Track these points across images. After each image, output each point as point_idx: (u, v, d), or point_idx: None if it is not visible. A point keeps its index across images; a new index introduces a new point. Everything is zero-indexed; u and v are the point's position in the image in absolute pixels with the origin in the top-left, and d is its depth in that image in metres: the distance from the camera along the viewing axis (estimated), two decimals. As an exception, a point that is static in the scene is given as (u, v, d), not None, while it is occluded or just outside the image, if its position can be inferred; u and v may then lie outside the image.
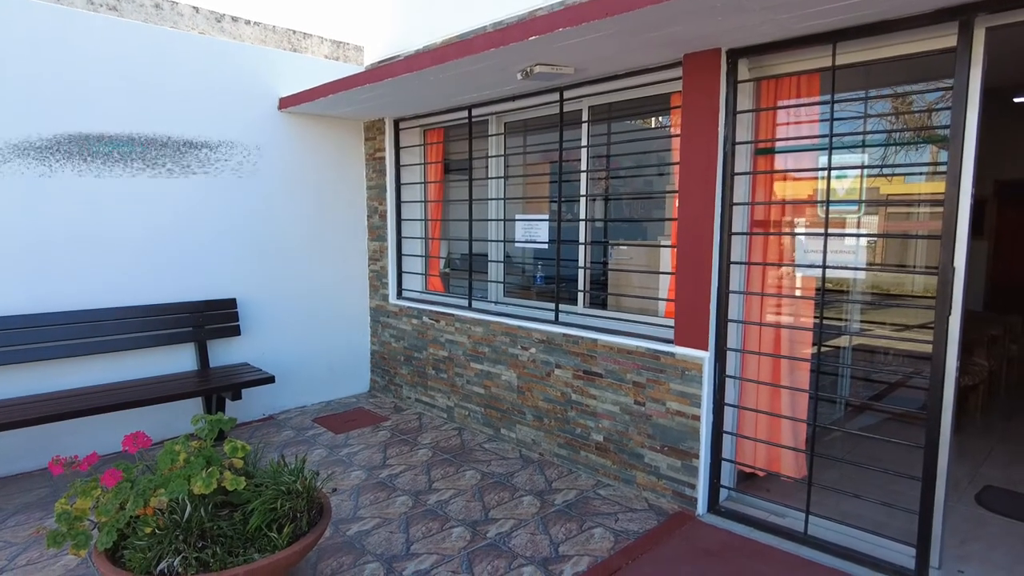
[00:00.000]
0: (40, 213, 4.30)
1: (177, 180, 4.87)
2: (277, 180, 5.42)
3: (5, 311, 4.21)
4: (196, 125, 4.93)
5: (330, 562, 3.18)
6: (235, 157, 5.16)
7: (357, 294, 6.10)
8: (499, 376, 4.85)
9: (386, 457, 4.56)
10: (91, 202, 4.49)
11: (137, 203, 4.69)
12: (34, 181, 4.26)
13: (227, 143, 5.11)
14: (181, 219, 4.91)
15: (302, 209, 5.60)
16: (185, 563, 2.46)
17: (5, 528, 3.53)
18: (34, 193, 4.26)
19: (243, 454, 2.80)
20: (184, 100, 4.86)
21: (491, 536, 3.46)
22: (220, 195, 5.11)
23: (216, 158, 5.06)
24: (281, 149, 5.42)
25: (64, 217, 4.39)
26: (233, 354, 5.25)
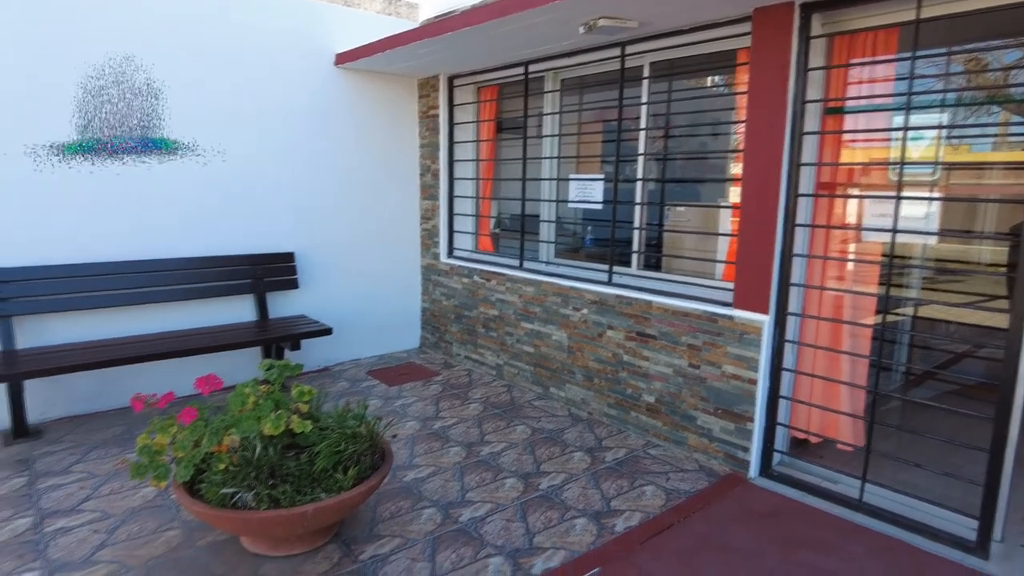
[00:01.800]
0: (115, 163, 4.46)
1: (240, 137, 4.96)
2: (333, 137, 5.47)
3: (80, 259, 4.40)
4: (257, 81, 4.99)
5: (389, 506, 3.30)
6: (295, 111, 5.21)
7: (409, 252, 6.17)
8: (549, 336, 4.88)
9: (438, 410, 4.66)
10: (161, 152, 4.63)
11: (204, 156, 4.81)
12: (105, 133, 4.40)
13: (287, 97, 5.16)
14: (242, 174, 5.02)
15: (357, 166, 5.65)
16: (257, 498, 2.58)
17: (88, 461, 3.76)
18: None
19: (309, 399, 2.90)
20: (244, 55, 4.91)
21: (543, 488, 3.53)
22: (279, 151, 5.19)
23: (275, 115, 5.12)
24: (337, 106, 5.46)
25: (136, 169, 4.54)
26: (291, 306, 5.40)
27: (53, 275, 4.28)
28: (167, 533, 3.02)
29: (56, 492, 3.39)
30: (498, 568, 2.80)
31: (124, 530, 3.04)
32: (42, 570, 2.73)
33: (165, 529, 3.06)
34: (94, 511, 3.21)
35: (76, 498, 3.33)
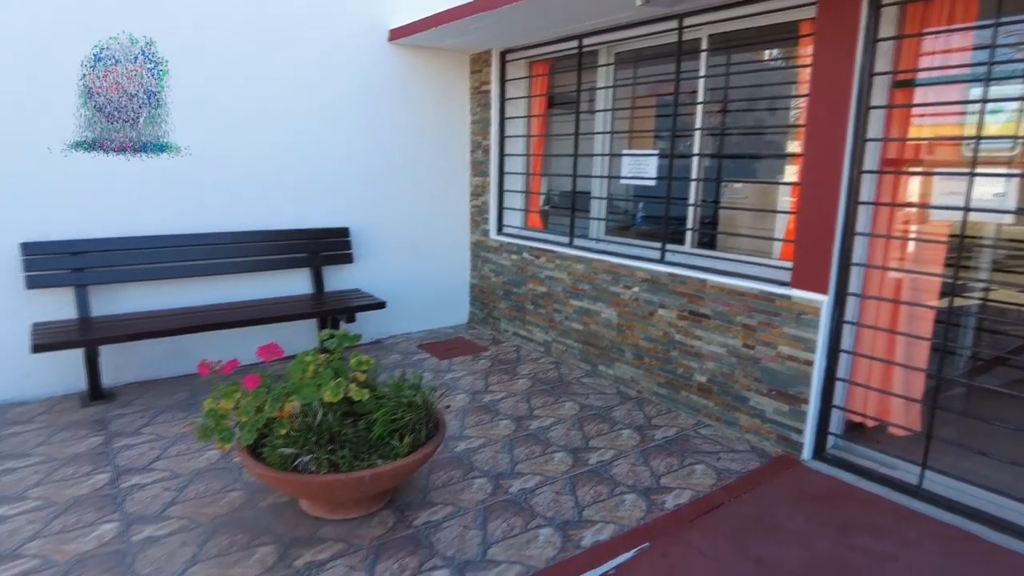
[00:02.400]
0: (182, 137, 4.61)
1: (296, 116, 5.06)
2: (388, 113, 5.52)
3: (148, 231, 4.59)
4: (314, 59, 5.07)
5: (441, 475, 3.37)
6: (349, 88, 5.28)
7: (458, 229, 6.22)
8: (599, 314, 4.86)
9: (487, 384, 4.72)
10: (224, 129, 4.76)
11: (263, 135, 4.93)
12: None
13: (341, 75, 5.23)
14: (300, 151, 5.12)
15: (409, 143, 5.70)
16: (317, 462, 2.68)
17: (156, 423, 3.96)
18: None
19: (366, 368, 2.98)
20: (301, 32, 4.99)
21: (592, 463, 3.55)
22: (335, 128, 5.27)
23: (331, 90, 5.20)
24: (390, 82, 5.50)
25: (200, 143, 4.69)
26: (345, 280, 5.53)
27: (125, 247, 4.48)
28: (231, 494, 3.17)
29: (129, 451, 3.59)
30: (548, 539, 2.84)
31: (191, 489, 3.20)
32: (120, 522, 2.90)
33: (229, 490, 3.20)
34: (164, 470, 3.38)
35: (147, 457, 3.52)
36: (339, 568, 2.60)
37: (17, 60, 4.01)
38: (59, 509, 3.00)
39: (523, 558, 2.70)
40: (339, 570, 2.59)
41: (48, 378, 4.36)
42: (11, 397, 4.26)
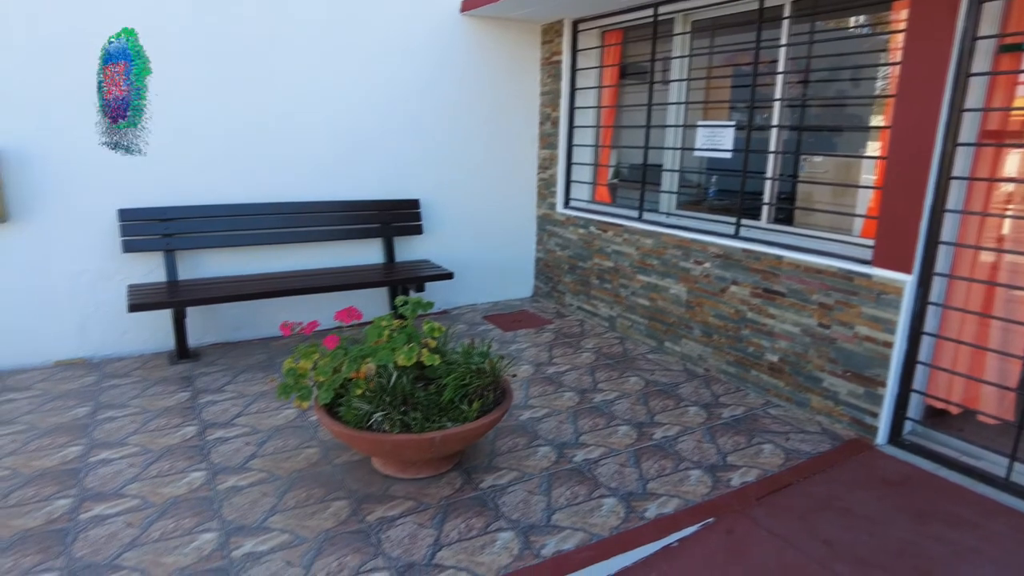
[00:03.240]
0: (258, 110, 4.78)
1: (371, 90, 5.15)
2: (457, 85, 5.55)
3: (227, 200, 4.80)
4: (387, 32, 5.13)
5: (506, 441, 3.44)
6: (421, 61, 5.33)
7: (525, 202, 6.22)
8: (667, 290, 4.80)
9: (551, 356, 4.75)
10: (303, 102, 4.91)
11: (339, 108, 5.05)
12: (253, 85, 4.73)
13: (413, 47, 5.28)
14: (372, 123, 5.23)
15: (479, 115, 5.72)
16: (391, 423, 2.78)
17: (237, 383, 4.18)
18: (255, 93, 4.74)
19: (438, 335, 3.05)
20: (374, 3, 5.05)
21: (657, 438, 3.54)
22: (407, 101, 5.34)
23: (405, 63, 5.26)
24: (461, 54, 5.51)
25: (280, 115, 4.85)
26: (415, 251, 5.64)
27: (210, 214, 4.71)
28: (307, 450, 3.33)
29: (213, 407, 3.81)
30: (612, 508, 2.87)
31: (271, 444, 3.38)
32: (207, 471, 3.10)
33: (305, 447, 3.37)
34: (245, 426, 3.58)
35: (230, 413, 3.73)
36: (409, 525, 2.70)
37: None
38: (154, 456, 3.23)
39: (587, 525, 2.74)
40: (409, 527, 2.69)
41: (141, 336, 4.66)
42: (110, 353, 4.59)
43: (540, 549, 2.57)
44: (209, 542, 2.57)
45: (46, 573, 2.38)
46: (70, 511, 2.76)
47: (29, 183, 4.17)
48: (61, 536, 2.60)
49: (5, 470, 3.08)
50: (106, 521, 2.70)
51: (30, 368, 4.34)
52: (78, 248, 4.39)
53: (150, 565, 2.44)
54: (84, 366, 4.42)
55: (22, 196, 4.17)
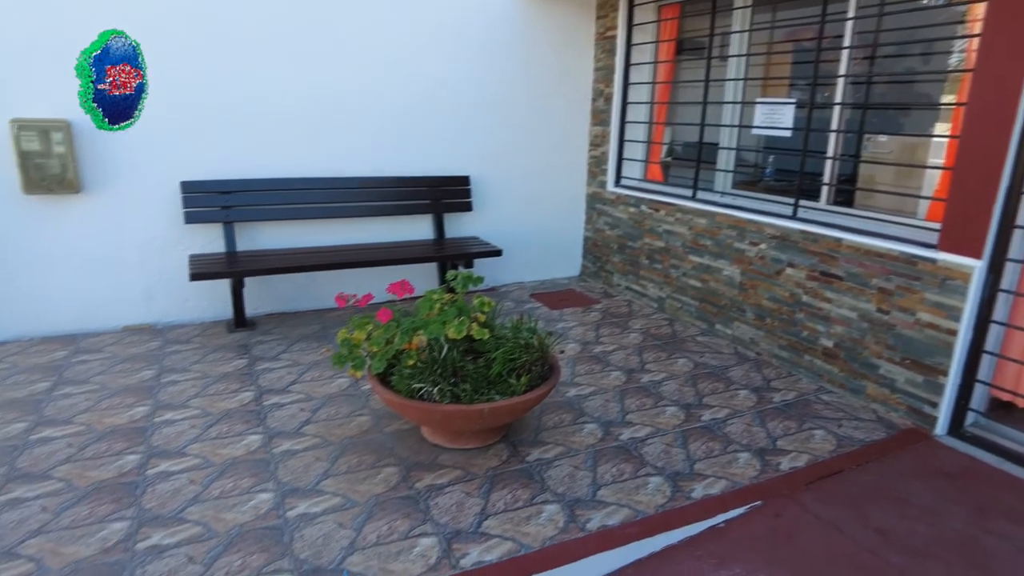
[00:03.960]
0: (315, 86, 4.86)
1: (423, 64, 5.17)
2: (509, 61, 5.51)
3: (284, 174, 4.91)
4: (440, 6, 5.13)
5: (552, 416, 3.46)
6: (473, 37, 5.32)
7: (575, 180, 6.17)
8: (720, 271, 4.71)
9: (598, 335, 4.74)
10: (356, 78, 4.97)
11: (390, 84, 5.09)
12: (311, 61, 4.80)
13: (467, 24, 5.27)
14: (423, 98, 5.25)
15: (531, 92, 5.68)
16: (441, 393, 2.83)
17: (292, 351, 4.31)
18: (313, 71, 4.82)
19: (488, 309, 3.08)
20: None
21: (705, 419, 3.51)
22: (459, 76, 5.35)
23: (458, 41, 5.25)
24: (515, 30, 5.47)
25: (335, 92, 4.92)
26: (464, 227, 5.68)
27: (267, 188, 4.83)
28: (359, 418, 3.42)
29: (269, 374, 3.94)
30: (658, 487, 2.87)
31: (324, 411, 3.49)
32: (264, 435, 3.22)
33: (357, 415, 3.46)
34: (299, 393, 3.70)
35: (285, 380, 3.86)
36: (456, 493, 2.76)
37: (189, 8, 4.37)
38: (213, 419, 3.38)
39: (632, 502, 2.75)
40: (456, 495, 2.75)
41: (201, 305, 4.84)
42: (173, 320, 4.79)
43: (585, 523, 2.60)
44: (265, 501, 2.68)
45: (119, 521, 2.53)
46: (138, 466, 2.92)
47: (100, 156, 4.35)
48: (131, 488, 2.75)
49: (81, 425, 3.27)
50: (171, 477, 2.84)
51: (101, 332, 4.57)
52: (144, 219, 4.57)
53: (211, 520, 2.56)
54: (149, 332, 4.63)
55: (94, 168, 4.36)
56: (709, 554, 2.56)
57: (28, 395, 3.59)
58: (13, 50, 3.99)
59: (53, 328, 4.48)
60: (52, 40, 4.07)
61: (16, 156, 4.09)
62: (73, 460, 2.96)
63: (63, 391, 3.65)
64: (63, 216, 4.35)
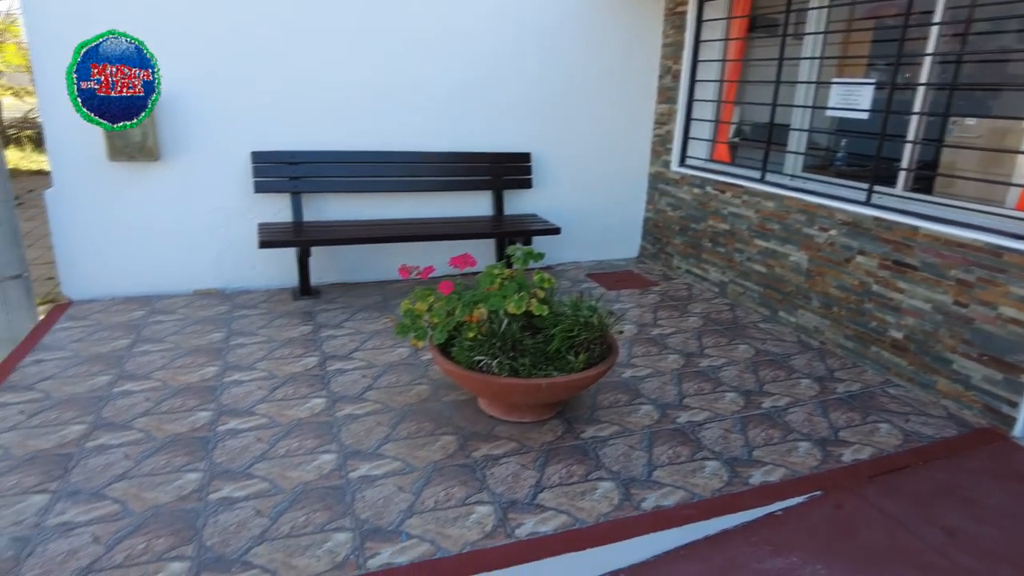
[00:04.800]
0: (381, 60, 4.91)
1: (488, 37, 5.15)
2: (575, 36, 5.44)
3: (346, 147, 4.99)
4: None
5: (608, 396, 3.46)
6: (539, 12, 5.26)
7: (637, 159, 6.07)
8: (786, 256, 4.58)
9: (656, 318, 4.69)
10: (421, 53, 5.00)
11: (456, 60, 5.10)
12: (378, 35, 4.85)
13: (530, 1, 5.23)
14: (487, 74, 5.24)
15: (596, 67, 5.60)
16: (499, 366, 2.86)
17: (355, 320, 4.43)
18: (379, 44, 4.87)
19: (548, 286, 3.08)
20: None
21: (765, 407, 3.44)
22: (523, 52, 5.31)
23: (521, 15, 5.21)
24: (581, 3, 5.38)
25: (400, 66, 4.97)
26: (523, 204, 5.67)
27: (333, 160, 4.93)
28: (418, 387, 3.50)
29: (333, 341, 4.06)
30: (714, 471, 2.84)
31: (385, 379, 3.58)
32: (327, 399, 3.33)
33: (416, 383, 3.54)
34: (361, 360, 3.80)
35: (348, 348, 3.97)
36: (512, 464, 2.80)
37: None
38: (279, 381, 3.51)
39: (688, 485, 2.73)
40: (512, 466, 2.79)
41: (268, 272, 5.01)
42: (241, 286, 4.97)
43: (640, 502, 2.60)
44: (328, 462, 2.78)
45: (193, 472, 2.67)
46: (210, 423, 3.07)
47: (178, 125, 4.53)
48: (203, 443, 2.89)
49: (157, 381, 3.45)
50: (239, 434, 2.98)
51: (174, 295, 4.79)
52: (216, 187, 4.74)
53: (277, 477, 2.67)
54: (218, 296, 4.82)
55: (172, 137, 4.54)
56: (765, 541, 2.53)
57: (111, 351, 3.81)
58: (102, 19, 4.17)
59: (131, 289, 4.72)
60: (133, 7, 4.24)
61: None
62: (151, 413, 3.14)
63: (141, 348, 3.85)
64: (142, 183, 4.56)
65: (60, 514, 2.40)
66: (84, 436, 2.92)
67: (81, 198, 4.44)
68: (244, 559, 2.22)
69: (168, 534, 2.32)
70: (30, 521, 2.36)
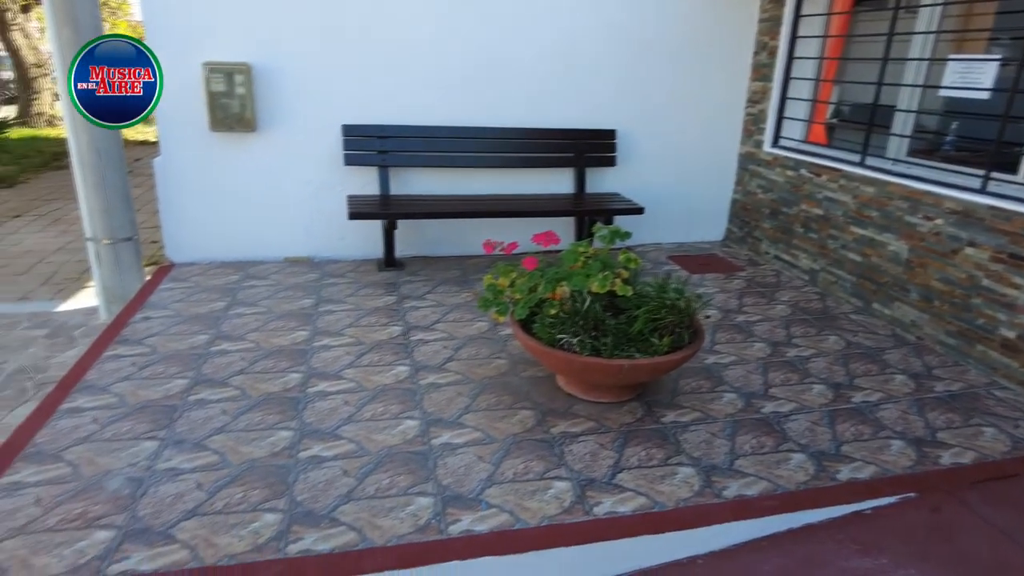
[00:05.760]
0: (470, 38, 4.93)
1: (576, 12, 5.06)
2: (664, 9, 5.26)
3: (432, 122, 5.04)
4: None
5: (689, 381, 3.40)
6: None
7: (727, 138, 5.86)
8: (885, 246, 4.33)
9: (741, 304, 4.55)
10: (506, 29, 4.98)
11: (542, 33, 5.05)
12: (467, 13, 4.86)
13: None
14: (573, 47, 5.16)
15: (686, 43, 5.41)
16: (581, 345, 2.85)
17: (436, 293, 4.52)
18: (469, 22, 4.89)
19: (634, 266, 3.04)
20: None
21: (855, 401, 3.29)
22: (612, 26, 5.19)
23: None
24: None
25: (478, 43, 4.97)
26: (604, 183, 5.60)
27: (419, 135, 5.01)
28: (497, 361, 3.54)
29: (415, 312, 4.16)
30: (800, 464, 2.75)
31: (465, 351, 3.64)
32: (411, 367, 3.43)
33: (495, 357, 3.58)
34: (443, 332, 3.88)
35: (430, 319, 4.06)
36: (590, 443, 2.80)
37: None
38: (365, 348, 3.63)
39: (772, 476, 2.65)
40: (590, 445, 2.79)
41: (355, 243, 5.16)
42: (329, 255, 5.16)
43: (721, 490, 2.55)
44: (412, 428, 2.87)
45: (285, 431, 2.81)
46: (300, 384, 3.21)
47: (273, 98, 4.70)
48: (294, 403, 3.04)
49: (251, 343, 3.64)
50: (328, 397, 3.11)
51: (267, 261, 5.02)
52: (307, 159, 4.91)
53: (363, 439, 2.78)
54: (307, 264, 5.02)
55: (268, 109, 4.72)
56: (851, 539, 2.43)
57: (208, 312, 4.04)
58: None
59: (227, 254, 4.97)
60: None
61: (206, 96, 4.51)
62: (246, 372, 3.32)
63: (236, 311, 4.07)
64: (240, 153, 4.77)
65: (167, 460, 2.59)
66: (186, 390, 3.12)
67: (185, 166, 4.71)
68: (332, 516, 2.32)
69: (263, 487, 2.46)
70: (143, 464, 2.55)
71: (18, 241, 7.35)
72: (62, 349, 4.63)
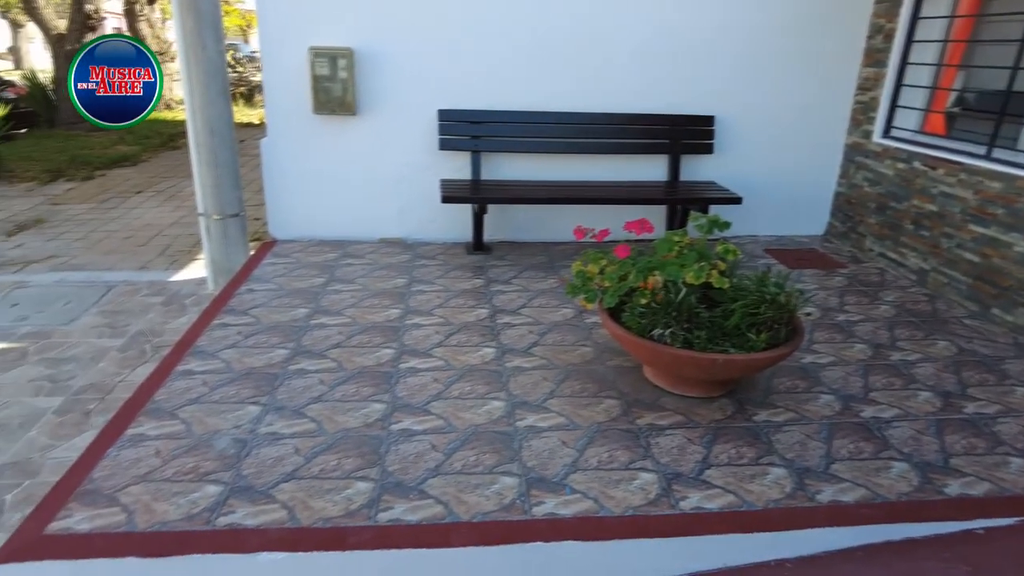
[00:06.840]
0: (565, 21, 4.89)
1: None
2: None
3: (525, 107, 5.04)
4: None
5: (784, 380, 3.27)
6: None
7: (832, 127, 5.54)
8: (1009, 246, 3.99)
9: (842, 303, 4.32)
10: (604, 11, 4.90)
11: (638, 15, 4.94)
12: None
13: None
14: (670, 32, 5.02)
15: (793, 26, 5.13)
16: (673, 337, 2.80)
17: (523, 277, 4.55)
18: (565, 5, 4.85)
19: (732, 258, 2.94)
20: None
21: (968, 412, 3.07)
22: (714, 8, 5.00)
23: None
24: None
25: (573, 29, 4.91)
26: (698, 171, 5.43)
27: (511, 120, 5.03)
28: (582, 348, 3.53)
29: (502, 296, 4.21)
30: (902, 473, 2.59)
31: (550, 337, 3.65)
32: (497, 349, 3.48)
33: (580, 344, 3.57)
34: (529, 316, 3.91)
35: (516, 303, 4.09)
36: (678, 437, 2.75)
37: None
38: (454, 328, 3.71)
39: (871, 484, 2.52)
40: (678, 439, 2.74)
41: (445, 226, 5.26)
42: (420, 237, 5.29)
43: (815, 494, 2.45)
44: (498, 409, 2.91)
45: (377, 403, 2.92)
46: (393, 359, 3.32)
47: (374, 82, 4.85)
48: (387, 377, 3.15)
49: (348, 318, 3.79)
50: (418, 373, 3.20)
51: (362, 241, 5.20)
52: (403, 142, 5.03)
53: (451, 416, 2.84)
54: (400, 245, 5.16)
55: (368, 94, 4.87)
56: (960, 559, 2.26)
57: (308, 287, 4.24)
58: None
59: (326, 233, 5.19)
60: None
61: (311, 80, 4.70)
62: (342, 346, 3.46)
63: (334, 287, 4.24)
64: (340, 135, 4.95)
65: (269, 424, 2.75)
66: (287, 360, 3.29)
67: (289, 147, 4.94)
68: (420, 488, 2.40)
69: (356, 456, 2.57)
70: (247, 427, 2.72)
71: (140, 215, 7.96)
72: (175, 316, 5.00)
